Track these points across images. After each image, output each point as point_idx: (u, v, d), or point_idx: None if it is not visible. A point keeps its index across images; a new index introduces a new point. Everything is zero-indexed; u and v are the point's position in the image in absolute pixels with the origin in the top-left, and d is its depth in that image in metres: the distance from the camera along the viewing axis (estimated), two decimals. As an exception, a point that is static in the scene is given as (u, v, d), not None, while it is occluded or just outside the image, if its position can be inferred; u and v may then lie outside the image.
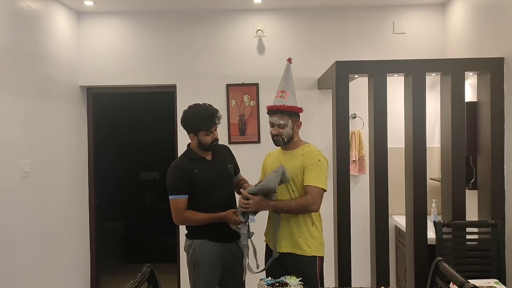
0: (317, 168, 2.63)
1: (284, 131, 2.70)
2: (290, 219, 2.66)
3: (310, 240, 2.67)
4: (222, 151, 2.97)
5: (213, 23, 4.31)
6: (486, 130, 3.22)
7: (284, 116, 2.70)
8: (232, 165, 2.95)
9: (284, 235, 2.68)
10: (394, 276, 4.16)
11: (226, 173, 2.88)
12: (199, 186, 2.74)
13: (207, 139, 2.76)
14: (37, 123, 3.49)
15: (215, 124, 2.77)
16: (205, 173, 2.77)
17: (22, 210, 3.24)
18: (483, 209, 3.27)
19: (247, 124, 4.28)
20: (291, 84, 2.79)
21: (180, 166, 2.80)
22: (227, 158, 2.95)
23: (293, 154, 2.74)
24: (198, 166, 2.78)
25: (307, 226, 2.66)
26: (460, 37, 3.92)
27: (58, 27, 3.88)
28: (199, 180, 2.75)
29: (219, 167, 2.85)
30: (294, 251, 2.65)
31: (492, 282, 2.68)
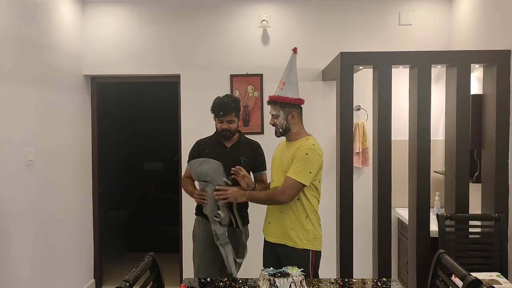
0: (302, 161, 2.57)
1: (278, 121, 2.71)
2: (282, 211, 2.65)
3: (302, 233, 2.63)
4: (246, 145, 3.11)
5: (217, 13, 4.29)
6: (491, 123, 3.20)
7: (276, 107, 2.71)
8: (247, 159, 3.02)
9: (276, 226, 2.69)
10: (396, 269, 4.17)
11: (235, 163, 2.94)
12: None
13: (218, 126, 3.01)
14: (41, 112, 3.49)
15: (221, 116, 2.95)
16: (214, 155, 2.93)
17: (26, 199, 3.25)
18: (487, 203, 3.26)
19: (251, 115, 4.27)
20: (291, 75, 2.74)
21: (198, 142, 3.14)
22: (245, 151, 3.06)
23: (291, 146, 2.71)
24: (213, 147, 3.04)
25: (299, 219, 2.63)
26: (466, 29, 3.89)
27: (62, 16, 3.87)
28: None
29: (231, 155, 3.00)
30: (286, 242, 2.65)
31: (494, 275, 2.68)
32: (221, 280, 2.40)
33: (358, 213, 3.34)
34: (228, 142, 3.06)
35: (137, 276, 1.88)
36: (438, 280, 2.16)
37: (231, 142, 3.07)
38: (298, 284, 2.17)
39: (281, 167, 2.70)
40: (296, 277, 2.18)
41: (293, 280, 2.17)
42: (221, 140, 3.05)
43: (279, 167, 2.73)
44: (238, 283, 2.34)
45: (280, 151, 2.81)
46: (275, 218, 2.70)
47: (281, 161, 2.72)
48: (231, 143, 3.07)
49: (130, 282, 1.77)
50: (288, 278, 2.17)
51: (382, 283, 2.38)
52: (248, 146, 3.11)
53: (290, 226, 2.64)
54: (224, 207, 2.88)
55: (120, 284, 1.73)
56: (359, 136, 4.19)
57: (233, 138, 3.07)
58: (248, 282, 2.35)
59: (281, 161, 2.72)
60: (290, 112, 2.70)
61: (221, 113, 2.95)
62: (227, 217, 2.89)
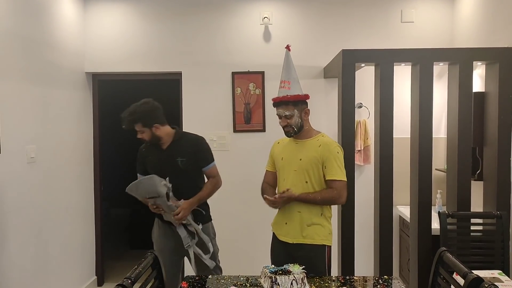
0: (337, 160, 2.63)
1: (292, 121, 2.66)
2: (300, 210, 2.63)
3: (320, 229, 2.66)
4: (183, 143, 2.96)
5: (219, 10, 4.28)
6: (494, 121, 3.19)
7: (289, 107, 2.66)
8: (184, 159, 2.90)
9: (293, 226, 2.65)
10: (397, 266, 4.17)
11: (172, 165, 2.89)
12: (149, 171, 2.94)
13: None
14: (43, 109, 3.49)
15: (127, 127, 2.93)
16: (153, 160, 2.97)
17: (28, 196, 3.26)
18: (489, 200, 3.26)
19: (252, 112, 4.27)
20: (292, 73, 2.75)
21: (140, 149, 3.11)
22: (182, 150, 2.92)
23: (307, 144, 2.69)
24: (151, 153, 3.00)
25: (317, 216, 2.65)
26: (468, 26, 3.87)
27: (64, 13, 3.87)
28: (148, 166, 3.00)
29: (167, 158, 2.92)
30: (304, 241, 2.64)
31: (496, 273, 2.67)
32: (222, 277, 2.40)
33: (359, 211, 3.33)
34: (163, 144, 2.96)
35: (139, 273, 1.88)
36: (439, 278, 2.17)
37: (165, 143, 2.96)
38: (299, 281, 2.18)
39: (299, 166, 2.65)
40: (298, 274, 2.19)
41: (295, 278, 2.17)
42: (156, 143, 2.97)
43: (292, 166, 2.68)
44: (239, 280, 2.34)
45: (289, 150, 2.75)
46: (292, 218, 2.66)
47: (297, 159, 2.67)
48: (166, 145, 2.96)
49: (131, 279, 1.77)
50: (290, 275, 2.18)
51: (384, 280, 2.38)
52: (186, 144, 2.96)
53: (307, 224, 2.64)
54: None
55: (122, 281, 1.73)
56: (361, 134, 4.18)
57: (166, 140, 2.95)
58: (249, 279, 2.35)
59: (297, 160, 2.67)
60: (303, 109, 2.70)
61: (123, 126, 2.92)
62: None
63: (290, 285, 2.16)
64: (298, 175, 2.65)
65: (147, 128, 2.89)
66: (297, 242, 2.65)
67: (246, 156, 4.23)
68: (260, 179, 3.00)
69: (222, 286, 2.28)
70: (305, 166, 2.63)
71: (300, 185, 2.64)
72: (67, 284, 3.89)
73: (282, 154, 2.76)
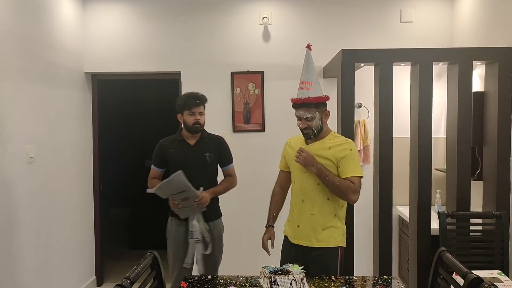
0: (352, 157, 2.56)
1: (313, 124, 2.58)
2: (314, 213, 2.58)
3: (334, 231, 2.60)
4: (209, 141, 3.11)
5: (218, 10, 4.28)
6: (493, 120, 3.19)
7: (311, 109, 2.57)
8: (212, 155, 3.05)
9: (307, 229, 2.60)
10: (396, 266, 4.17)
11: (201, 160, 3.03)
12: (173, 165, 3.01)
13: (189, 119, 3.00)
14: (42, 109, 3.49)
15: (196, 105, 3.00)
16: (179, 154, 3.03)
17: (27, 195, 3.26)
18: (488, 200, 3.26)
19: (251, 112, 4.27)
20: (313, 73, 2.65)
21: (161, 143, 3.14)
22: (210, 147, 3.08)
23: (317, 146, 2.61)
24: (177, 147, 3.06)
25: (330, 218, 2.59)
26: (468, 26, 3.87)
27: (63, 12, 3.86)
28: (172, 159, 3.04)
29: (195, 153, 3.04)
30: (319, 245, 2.58)
31: (496, 273, 2.67)
32: (222, 277, 2.40)
33: (359, 210, 3.33)
34: (191, 140, 3.06)
35: (138, 273, 1.88)
36: (439, 278, 2.16)
37: (194, 139, 3.07)
38: (298, 281, 2.17)
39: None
40: (297, 274, 2.19)
41: (294, 278, 2.17)
42: (184, 138, 3.07)
43: (303, 168, 2.60)
44: (239, 280, 2.34)
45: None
46: (305, 221, 2.60)
47: None
48: (195, 141, 3.07)
49: (131, 279, 1.77)
50: (289, 275, 2.17)
51: (383, 280, 2.38)
52: (212, 142, 3.12)
53: (322, 227, 2.58)
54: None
55: (121, 281, 1.73)
56: (360, 134, 4.18)
57: (196, 136, 3.07)
58: (249, 279, 2.35)
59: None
60: (324, 111, 2.62)
61: (197, 101, 3.00)
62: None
63: (290, 285, 2.16)
64: (308, 178, 2.59)
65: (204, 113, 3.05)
66: (311, 245, 2.59)
67: (246, 156, 4.22)
68: (259, 179, 3.01)
69: (222, 286, 2.27)
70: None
71: (311, 187, 2.58)
72: (66, 284, 3.89)
73: (292, 155, 2.65)
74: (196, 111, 3.00)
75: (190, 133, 3.05)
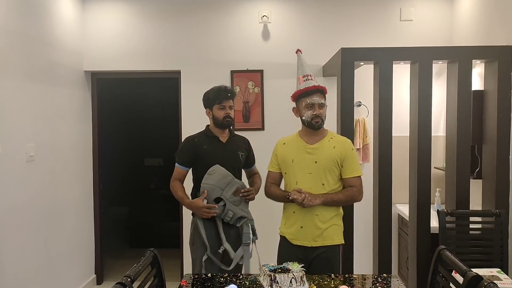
0: (353, 157, 2.64)
1: (323, 112, 2.63)
2: (318, 213, 2.59)
3: (337, 229, 2.65)
4: (239, 140, 3.06)
5: (218, 9, 4.28)
6: (493, 119, 3.20)
7: (323, 96, 2.64)
8: (244, 154, 3.00)
9: (310, 229, 2.60)
10: (396, 265, 4.18)
11: (235, 158, 2.94)
12: (205, 162, 2.86)
13: (220, 113, 2.89)
14: (42, 108, 3.49)
15: (226, 98, 2.89)
16: (213, 151, 2.89)
17: (27, 194, 3.26)
18: (487, 199, 3.26)
19: (251, 111, 4.27)
20: (309, 69, 2.74)
21: (192, 139, 2.98)
22: (241, 146, 3.02)
23: (320, 146, 2.63)
24: (209, 143, 2.93)
25: (332, 216, 2.62)
26: (468, 24, 3.88)
27: (62, 11, 3.86)
28: (205, 156, 2.88)
29: (229, 150, 2.94)
30: (324, 243, 2.60)
31: (495, 271, 2.69)
32: (222, 276, 2.40)
33: (358, 209, 3.33)
34: (222, 137, 2.96)
35: (138, 271, 1.88)
36: (438, 276, 2.17)
37: (224, 137, 2.97)
38: (298, 279, 2.18)
39: (314, 168, 2.59)
40: (297, 272, 2.19)
41: (294, 276, 2.18)
42: (215, 134, 2.95)
43: (307, 169, 2.60)
44: (239, 279, 2.35)
45: (300, 152, 2.65)
46: (308, 221, 2.60)
47: (312, 162, 2.60)
48: (226, 138, 2.97)
49: (131, 277, 1.77)
50: (289, 273, 2.18)
51: (383, 279, 2.38)
52: (242, 141, 3.07)
53: (325, 226, 2.60)
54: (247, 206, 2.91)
55: (121, 279, 1.73)
56: (360, 132, 4.18)
57: (225, 133, 2.98)
58: (249, 277, 2.36)
59: (312, 162, 2.59)
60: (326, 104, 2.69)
61: (228, 94, 2.89)
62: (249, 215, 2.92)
63: (289, 283, 2.16)
64: (314, 178, 2.60)
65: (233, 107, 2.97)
66: (316, 245, 2.61)
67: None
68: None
69: (222, 284, 2.28)
70: (322, 168, 2.59)
71: (316, 188, 2.59)
72: (66, 282, 3.89)
73: (292, 156, 2.66)
74: (227, 105, 2.88)
75: (221, 128, 2.93)
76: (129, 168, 6.93)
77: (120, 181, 6.77)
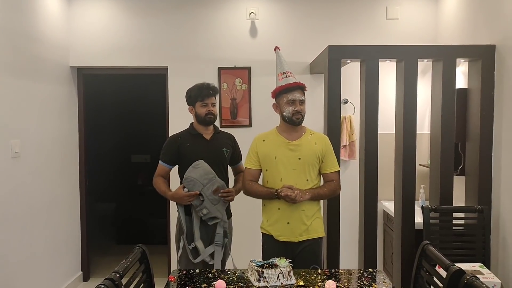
0: (332, 153, 2.74)
1: (304, 108, 2.68)
2: (304, 208, 2.63)
3: (319, 222, 2.73)
4: (224, 137, 3.07)
5: (205, 5, 4.27)
6: (476, 117, 3.26)
7: (303, 93, 2.69)
8: (229, 150, 3.00)
9: (297, 225, 2.64)
10: (381, 260, 4.23)
11: (219, 155, 2.94)
12: (189, 160, 2.85)
13: (202, 110, 2.90)
14: (27, 103, 3.45)
15: (208, 95, 2.91)
16: (197, 149, 2.89)
17: (12, 190, 3.22)
18: (470, 195, 3.33)
19: (238, 107, 4.28)
20: (288, 66, 2.79)
21: (175, 137, 2.99)
22: (225, 142, 3.02)
23: (302, 143, 2.67)
24: (193, 141, 2.93)
25: (316, 210, 2.71)
26: (452, 23, 3.94)
27: (48, 6, 3.82)
28: (189, 154, 2.88)
29: (213, 148, 2.94)
30: (309, 236, 2.66)
31: (477, 266, 2.75)
32: (209, 272, 2.42)
33: (344, 205, 3.38)
34: (206, 134, 2.97)
35: (127, 267, 1.89)
36: (422, 270, 2.22)
37: (208, 134, 2.97)
38: (285, 274, 2.21)
39: (298, 165, 2.63)
40: (284, 268, 2.22)
41: (281, 271, 2.21)
42: (199, 131, 2.95)
43: (290, 165, 2.63)
44: (226, 274, 2.37)
45: (282, 148, 2.67)
46: (295, 217, 2.63)
47: (295, 158, 2.63)
48: (210, 135, 2.97)
49: (120, 273, 1.78)
50: (276, 269, 2.21)
51: (368, 273, 2.42)
52: (227, 138, 3.07)
53: (310, 220, 2.67)
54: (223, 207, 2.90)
55: (110, 275, 1.74)
56: (346, 129, 4.22)
57: (210, 130, 2.98)
58: (236, 273, 2.38)
59: (296, 159, 2.63)
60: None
61: (210, 91, 2.91)
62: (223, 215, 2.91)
63: (277, 278, 2.19)
64: (298, 174, 2.63)
65: (216, 104, 2.98)
66: (303, 239, 2.65)
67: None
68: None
69: (210, 280, 2.29)
70: (306, 164, 2.64)
71: (301, 183, 2.63)
72: (52, 279, 3.87)
73: (274, 153, 2.67)
74: (209, 102, 2.90)
75: (204, 125, 2.94)
76: (116, 164, 6.88)
77: (107, 177, 6.72)
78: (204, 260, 2.87)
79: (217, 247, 2.86)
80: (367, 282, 2.29)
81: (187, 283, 2.25)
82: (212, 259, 2.87)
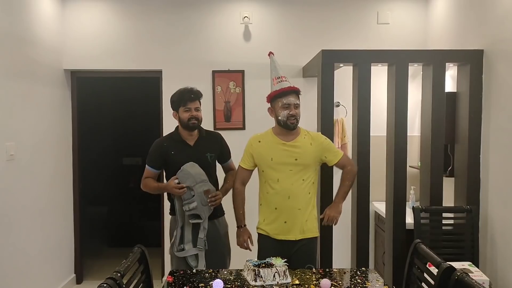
0: (330, 144, 2.84)
1: (298, 112, 2.72)
2: (300, 207, 2.69)
3: (315, 221, 2.78)
4: (209, 140, 3.01)
5: (199, 9, 4.31)
6: (464, 120, 3.33)
7: (298, 97, 2.74)
8: (213, 155, 2.97)
9: (294, 223, 2.69)
10: (372, 260, 4.29)
11: (203, 161, 2.88)
12: (174, 167, 2.84)
13: (185, 115, 2.86)
14: (21, 106, 3.46)
15: (191, 100, 2.87)
16: (181, 156, 2.85)
17: (6, 193, 3.22)
18: (459, 195, 3.40)
19: (232, 110, 4.32)
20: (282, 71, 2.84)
21: (160, 144, 2.96)
22: (210, 146, 2.97)
23: (298, 143, 2.72)
24: (177, 148, 2.90)
25: (311, 209, 2.75)
26: (442, 28, 4.02)
27: (42, 8, 3.83)
28: (174, 162, 2.86)
29: (197, 154, 2.89)
30: (305, 236, 2.72)
31: (466, 264, 2.81)
32: (206, 271, 2.46)
33: (337, 206, 3.42)
34: (190, 140, 2.93)
35: (128, 267, 1.92)
36: (414, 268, 2.28)
37: (193, 139, 2.94)
38: (281, 274, 2.25)
39: (295, 165, 2.67)
40: (280, 267, 2.26)
41: (277, 270, 2.25)
42: (182, 138, 2.93)
43: (286, 166, 2.68)
44: (223, 274, 2.40)
45: (278, 150, 2.71)
46: (293, 216, 2.69)
47: (292, 159, 2.67)
48: (194, 140, 2.94)
49: (121, 273, 1.81)
50: (272, 268, 2.25)
51: (361, 272, 2.48)
52: (211, 140, 3.02)
53: (306, 219, 2.72)
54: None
55: (112, 274, 1.77)
56: (338, 132, 4.28)
57: (194, 134, 2.94)
58: (233, 272, 2.42)
59: (292, 160, 2.67)
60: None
61: (192, 96, 2.87)
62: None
63: (273, 277, 2.24)
64: (295, 175, 2.68)
65: (200, 108, 2.94)
66: (299, 238, 2.71)
67: (226, 154, 4.27)
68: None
69: (207, 279, 2.33)
70: (302, 165, 2.69)
71: (297, 184, 2.68)
72: (45, 282, 3.87)
73: (270, 154, 2.71)
74: (192, 106, 2.86)
75: (188, 130, 2.90)
76: (108, 167, 6.88)
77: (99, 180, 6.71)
78: (189, 263, 2.81)
79: (200, 251, 2.82)
80: (360, 280, 2.35)
81: (185, 283, 2.29)
82: (197, 262, 2.82)
